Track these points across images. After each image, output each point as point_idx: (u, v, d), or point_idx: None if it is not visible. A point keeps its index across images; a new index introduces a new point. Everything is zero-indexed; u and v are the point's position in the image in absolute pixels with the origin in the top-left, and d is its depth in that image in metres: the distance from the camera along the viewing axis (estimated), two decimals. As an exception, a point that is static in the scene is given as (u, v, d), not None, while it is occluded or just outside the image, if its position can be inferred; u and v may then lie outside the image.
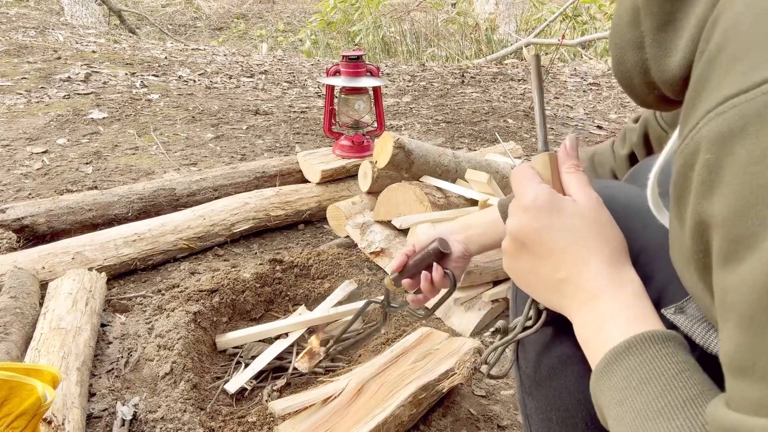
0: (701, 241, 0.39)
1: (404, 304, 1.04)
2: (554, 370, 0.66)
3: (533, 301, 0.64)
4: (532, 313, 0.64)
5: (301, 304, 1.61)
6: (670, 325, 0.52)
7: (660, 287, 0.56)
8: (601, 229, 0.55)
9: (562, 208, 0.55)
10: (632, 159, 0.91)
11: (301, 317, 1.46)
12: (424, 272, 0.93)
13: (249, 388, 1.28)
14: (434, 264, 0.92)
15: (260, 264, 1.63)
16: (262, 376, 1.32)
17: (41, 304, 1.41)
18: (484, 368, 0.70)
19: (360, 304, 1.32)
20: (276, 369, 1.35)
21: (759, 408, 0.33)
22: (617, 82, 0.51)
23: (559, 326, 0.58)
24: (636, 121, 0.90)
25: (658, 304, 0.55)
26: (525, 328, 0.65)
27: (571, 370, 0.64)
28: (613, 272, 0.53)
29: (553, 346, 0.65)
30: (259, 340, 1.41)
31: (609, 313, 0.51)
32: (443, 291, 0.95)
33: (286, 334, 1.43)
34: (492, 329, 0.69)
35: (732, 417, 0.35)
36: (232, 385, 1.26)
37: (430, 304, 1.02)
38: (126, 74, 4.01)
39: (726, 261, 0.35)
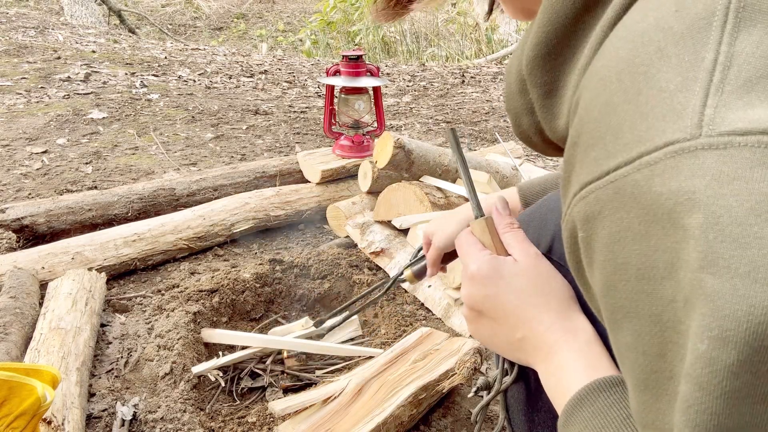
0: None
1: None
2: (547, 425, 0.66)
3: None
4: (507, 365, 0.66)
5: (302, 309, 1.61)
6: None
7: None
8: (544, 283, 0.58)
9: (504, 271, 0.58)
10: None
11: (288, 338, 1.39)
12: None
13: (212, 378, 1.27)
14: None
15: (260, 264, 1.63)
16: (234, 374, 1.31)
17: (41, 304, 1.41)
18: (474, 430, 0.72)
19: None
20: (253, 374, 1.33)
21: None
22: (518, 138, 0.55)
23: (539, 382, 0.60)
24: None
25: None
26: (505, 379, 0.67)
27: None
28: (564, 323, 0.55)
29: (540, 399, 0.66)
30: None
31: (565, 365, 0.53)
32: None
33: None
34: (474, 388, 0.71)
35: None
36: (198, 368, 1.26)
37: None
38: (126, 74, 4.01)
39: (611, 328, 0.39)
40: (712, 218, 0.30)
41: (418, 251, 1.03)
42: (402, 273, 1.03)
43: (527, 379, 0.66)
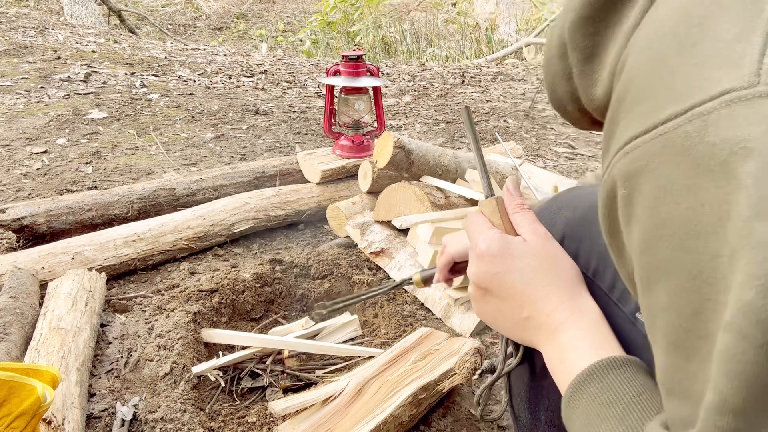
0: None
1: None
2: (552, 422, 0.66)
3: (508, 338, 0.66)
4: (511, 349, 0.66)
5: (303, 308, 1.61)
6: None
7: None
8: (553, 264, 0.57)
9: (513, 250, 0.58)
10: None
11: (288, 338, 1.40)
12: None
13: (212, 378, 1.27)
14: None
15: (260, 264, 1.63)
16: (234, 374, 1.31)
17: (41, 305, 1.41)
18: (477, 410, 0.72)
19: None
20: (253, 374, 1.33)
21: (686, 425, 0.35)
22: (552, 107, 0.54)
23: (543, 365, 0.60)
24: None
25: (635, 309, 0.56)
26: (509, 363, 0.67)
27: None
28: (571, 303, 0.55)
29: (543, 382, 0.65)
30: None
31: (571, 344, 0.53)
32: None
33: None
34: (479, 371, 0.71)
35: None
36: (198, 368, 1.26)
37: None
38: (126, 74, 4.01)
39: (644, 288, 0.38)
40: (767, 165, 0.28)
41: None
42: (411, 277, 1.05)
43: (532, 362, 0.65)
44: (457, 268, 0.96)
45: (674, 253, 0.34)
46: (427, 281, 1.01)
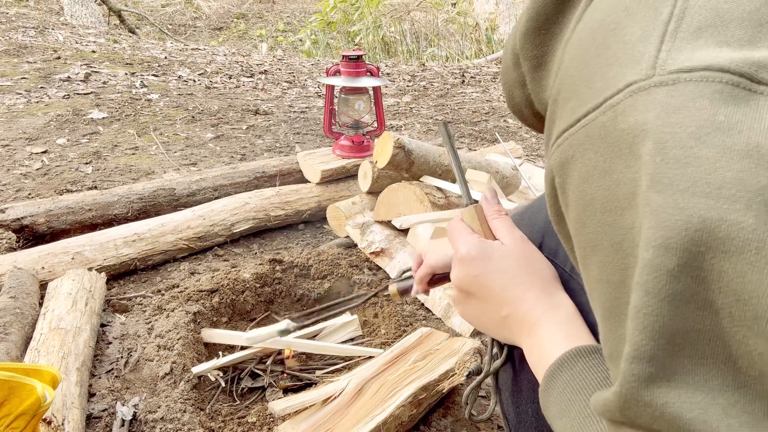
0: None
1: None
2: (538, 415, 0.67)
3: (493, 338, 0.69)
4: (496, 350, 0.69)
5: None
6: None
7: None
8: (529, 264, 0.61)
9: (492, 253, 0.62)
10: None
11: (289, 338, 1.38)
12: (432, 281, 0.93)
13: (212, 378, 1.27)
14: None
15: (260, 264, 1.63)
16: (234, 375, 1.31)
17: (41, 305, 1.41)
18: (465, 411, 0.76)
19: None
20: (253, 374, 1.33)
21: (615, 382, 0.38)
22: (512, 113, 0.59)
23: (525, 361, 0.63)
24: None
25: None
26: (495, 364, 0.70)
27: None
28: (547, 300, 0.59)
29: (528, 387, 0.67)
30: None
31: (548, 338, 0.56)
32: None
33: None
34: (467, 372, 0.73)
35: (597, 396, 0.40)
36: (198, 368, 1.26)
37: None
38: (126, 74, 4.01)
39: (583, 266, 0.42)
40: (660, 144, 0.33)
41: (405, 271, 0.98)
42: (386, 287, 0.98)
43: (514, 361, 0.68)
44: (435, 278, 0.91)
45: (599, 228, 0.38)
46: (404, 293, 0.95)
